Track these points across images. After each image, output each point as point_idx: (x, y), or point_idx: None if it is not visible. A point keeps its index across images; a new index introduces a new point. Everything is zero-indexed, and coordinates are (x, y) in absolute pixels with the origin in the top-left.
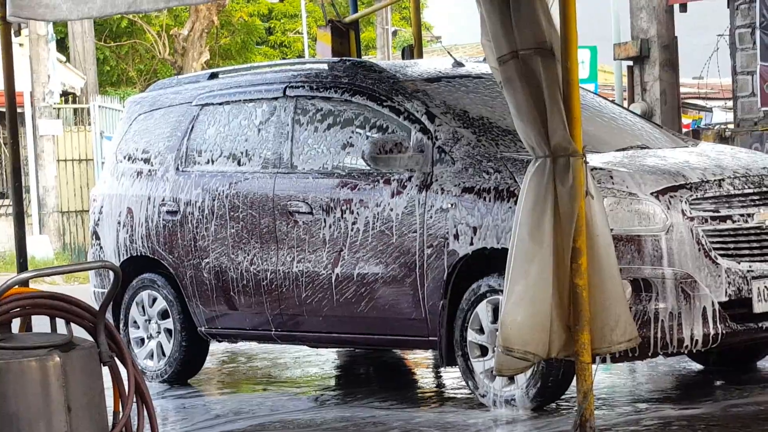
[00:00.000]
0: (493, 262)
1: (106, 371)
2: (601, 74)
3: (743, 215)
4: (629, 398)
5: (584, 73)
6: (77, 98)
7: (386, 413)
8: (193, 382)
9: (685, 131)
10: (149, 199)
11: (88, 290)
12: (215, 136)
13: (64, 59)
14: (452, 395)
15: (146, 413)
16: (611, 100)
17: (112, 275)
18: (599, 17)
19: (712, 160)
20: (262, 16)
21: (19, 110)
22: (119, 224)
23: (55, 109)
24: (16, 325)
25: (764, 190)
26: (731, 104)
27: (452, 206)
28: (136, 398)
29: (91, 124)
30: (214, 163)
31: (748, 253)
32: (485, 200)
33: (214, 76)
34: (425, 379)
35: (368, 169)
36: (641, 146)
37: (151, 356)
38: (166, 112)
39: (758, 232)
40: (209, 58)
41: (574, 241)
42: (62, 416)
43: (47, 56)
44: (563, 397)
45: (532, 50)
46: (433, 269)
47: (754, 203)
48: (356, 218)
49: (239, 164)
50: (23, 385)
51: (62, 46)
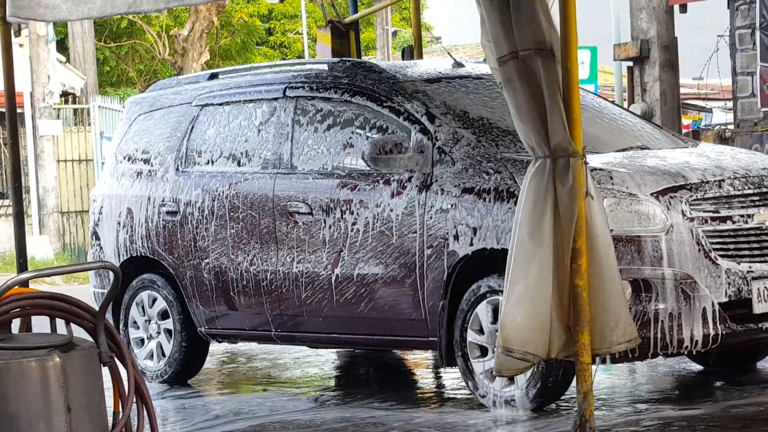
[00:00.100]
0: (493, 262)
1: (106, 371)
2: (601, 75)
3: (743, 216)
4: (629, 399)
5: (584, 73)
6: (77, 99)
7: (386, 414)
8: (193, 382)
9: (685, 132)
10: (149, 199)
11: (88, 291)
12: (215, 136)
13: (64, 60)
14: (452, 396)
15: (146, 414)
16: (611, 100)
17: (112, 276)
18: (599, 18)
19: (712, 160)
20: (262, 16)
21: (19, 110)
22: (119, 225)
23: (55, 109)
24: (16, 325)
25: (764, 190)
26: (731, 105)
27: (452, 207)
28: (136, 399)
29: (90, 124)
30: (214, 163)
31: (748, 253)
32: (485, 201)
33: (214, 76)
34: (425, 379)
35: (368, 169)
36: (641, 147)
37: (151, 357)
38: (166, 112)
39: (758, 232)
40: (209, 58)
41: (574, 241)
42: (62, 416)
43: (47, 57)
44: (563, 397)
45: (532, 51)
46: (433, 270)
47: (754, 204)
48: (356, 219)
49: (239, 165)
50: (23, 385)
51: (62, 46)
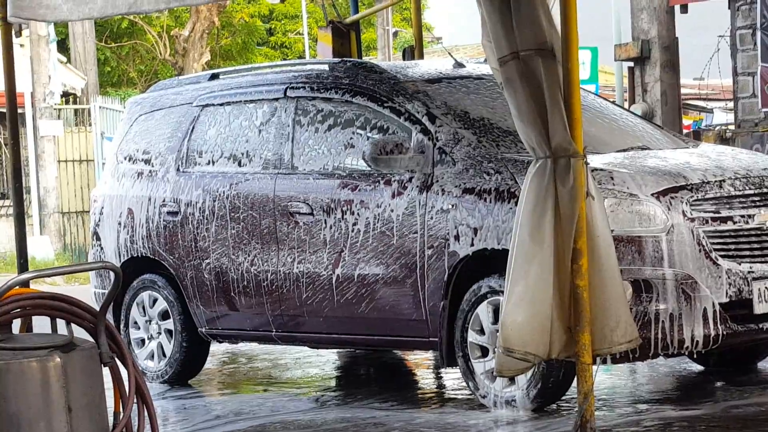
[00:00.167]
0: (493, 262)
1: (106, 372)
2: (601, 75)
3: (744, 216)
4: (630, 399)
5: (585, 74)
6: (78, 99)
7: (387, 414)
8: (193, 382)
9: (685, 132)
10: (150, 199)
11: (88, 291)
12: (216, 136)
13: (64, 60)
14: (453, 396)
15: (147, 414)
16: (612, 101)
17: (112, 276)
18: (600, 18)
19: (712, 161)
20: (262, 16)
21: (19, 111)
22: (120, 225)
23: (55, 109)
24: (16, 325)
25: (765, 191)
26: (732, 105)
27: (453, 207)
28: (136, 399)
29: (91, 124)
30: (214, 163)
31: (748, 254)
32: (486, 201)
33: (214, 76)
34: (426, 380)
35: (369, 170)
36: (642, 147)
37: (151, 357)
38: (166, 112)
39: (759, 233)
40: (210, 58)
41: (574, 242)
42: (63, 417)
43: (48, 57)
44: (564, 398)
45: (532, 51)
46: (433, 270)
47: (754, 204)
48: (357, 219)
49: (240, 165)
50: (24, 385)
51: (63, 46)
